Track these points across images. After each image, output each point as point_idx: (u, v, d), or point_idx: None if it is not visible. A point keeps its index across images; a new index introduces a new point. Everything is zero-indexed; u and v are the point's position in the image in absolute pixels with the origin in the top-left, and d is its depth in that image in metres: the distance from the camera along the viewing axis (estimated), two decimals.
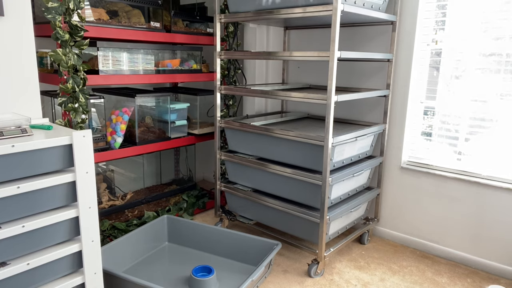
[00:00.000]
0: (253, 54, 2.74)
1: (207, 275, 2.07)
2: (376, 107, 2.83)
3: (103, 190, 3.00)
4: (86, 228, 1.58)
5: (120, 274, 1.87)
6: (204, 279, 2.05)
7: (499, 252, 2.46)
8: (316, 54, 2.17)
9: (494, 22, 2.34)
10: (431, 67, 2.65)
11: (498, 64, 2.37)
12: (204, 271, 2.11)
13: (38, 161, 1.42)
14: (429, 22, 2.59)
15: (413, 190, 2.76)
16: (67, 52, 2.10)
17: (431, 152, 2.70)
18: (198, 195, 3.41)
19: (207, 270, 2.11)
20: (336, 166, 2.38)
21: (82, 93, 2.19)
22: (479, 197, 2.49)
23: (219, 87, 2.77)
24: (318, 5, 2.10)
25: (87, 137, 1.52)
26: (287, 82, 3.32)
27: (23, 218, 1.43)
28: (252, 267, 2.36)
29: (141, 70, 2.67)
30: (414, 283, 2.38)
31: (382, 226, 2.96)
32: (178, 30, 2.90)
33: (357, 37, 2.85)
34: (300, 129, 2.55)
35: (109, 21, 2.49)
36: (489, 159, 2.47)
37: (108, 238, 2.62)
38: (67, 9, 2.06)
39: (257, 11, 2.44)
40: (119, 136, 2.62)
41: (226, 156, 2.78)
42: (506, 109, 2.38)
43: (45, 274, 1.51)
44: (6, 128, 1.45)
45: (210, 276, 2.07)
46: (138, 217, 2.89)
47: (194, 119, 3.29)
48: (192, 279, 2.06)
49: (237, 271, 2.29)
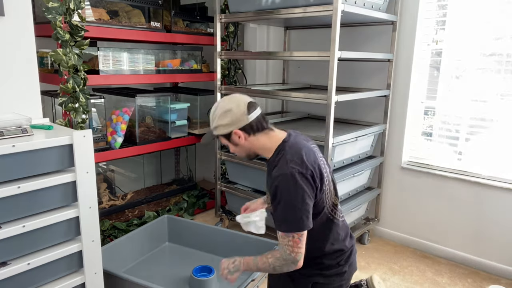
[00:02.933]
0: (253, 54, 2.74)
1: (207, 275, 2.07)
2: (377, 107, 2.83)
3: (103, 190, 3.00)
4: (86, 228, 1.58)
5: (121, 274, 1.87)
6: (205, 279, 2.05)
7: (500, 252, 2.46)
8: (317, 54, 2.17)
9: (495, 22, 2.34)
10: (431, 67, 2.64)
11: (498, 64, 2.37)
12: (205, 271, 2.11)
13: (39, 161, 1.42)
14: (429, 22, 2.59)
15: (413, 190, 2.76)
16: (67, 52, 2.10)
17: (432, 152, 2.70)
18: (199, 195, 3.41)
19: (207, 270, 2.11)
20: (336, 166, 2.38)
21: (82, 93, 2.19)
22: (479, 197, 2.48)
23: (220, 87, 2.77)
24: (318, 5, 2.10)
25: (88, 137, 1.52)
26: (287, 82, 3.32)
27: (23, 218, 1.43)
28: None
29: (141, 70, 2.67)
30: (415, 283, 2.38)
31: (383, 226, 2.96)
32: (179, 30, 2.90)
33: (357, 37, 2.85)
34: (301, 129, 2.55)
35: (109, 21, 2.49)
36: (490, 159, 2.46)
37: (109, 238, 2.62)
38: (67, 9, 2.06)
39: (258, 11, 2.43)
40: (120, 136, 2.62)
41: (226, 156, 2.78)
42: (507, 109, 2.37)
43: (46, 274, 1.51)
44: (7, 128, 1.45)
45: (211, 276, 2.06)
46: (138, 217, 2.89)
47: (194, 119, 3.29)
48: (193, 279, 2.05)
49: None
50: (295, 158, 1.31)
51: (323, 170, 1.37)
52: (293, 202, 1.28)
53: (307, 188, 1.29)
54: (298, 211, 1.28)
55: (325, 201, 1.38)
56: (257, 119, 1.38)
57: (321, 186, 1.34)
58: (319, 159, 1.38)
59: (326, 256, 1.43)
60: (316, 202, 1.34)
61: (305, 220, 1.29)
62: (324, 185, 1.36)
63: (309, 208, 1.30)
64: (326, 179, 1.38)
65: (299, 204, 1.28)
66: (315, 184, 1.31)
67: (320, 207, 1.37)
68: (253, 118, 1.37)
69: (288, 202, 1.28)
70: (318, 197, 1.34)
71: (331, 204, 1.42)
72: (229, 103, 1.38)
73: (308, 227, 1.30)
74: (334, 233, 1.43)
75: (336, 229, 1.44)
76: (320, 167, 1.35)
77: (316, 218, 1.36)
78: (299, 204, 1.28)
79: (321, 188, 1.35)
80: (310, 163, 1.32)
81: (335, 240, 1.43)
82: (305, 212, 1.28)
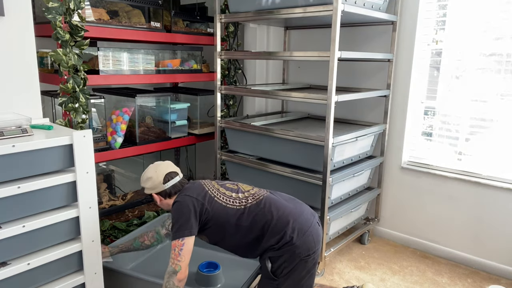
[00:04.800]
0: (253, 54, 2.73)
1: (213, 271, 2.09)
2: (377, 107, 2.83)
3: (103, 190, 2.99)
4: (86, 228, 1.58)
5: (127, 271, 1.87)
6: (212, 274, 2.07)
7: (500, 252, 2.46)
8: (317, 54, 2.17)
9: (495, 22, 2.34)
10: (431, 67, 2.64)
11: (498, 64, 2.37)
12: (211, 266, 2.13)
13: (39, 161, 1.42)
14: (429, 22, 2.59)
15: (413, 190, 2.76)
16: (67, 52, 2.10)
17: (432, 152, 2.70)
18: None
19: (213, 265, 2.13)
20: (336, 166, 2.38)
21: (82, 93, 2.19)
22: (479, 197, 2.49)
23: (220, 87, 2.77)
24: (318, 5, 2.10)
25: (88, 137, 1.52)
26: (287, 82, 3.32)
27: (23, 218, 1.44)
28: (254, 261, 2.35)
29: (141, 70, 2.67)
30: (415, 283, 2.38)
31: (383, 226, 2.96)
32: (179, 30, 2.90)
33: (357, 37, 2.85)
34: (301, 129, 2.55)
35: (109, 21, 2.49)
36: (490, 159, 2.46)
37: (108, 238, 2.62)
38: (67, 9, 2.06)
39: (258, 11, 2.43)
40: (120, 136, 2.62)
41: (227, 156, 2.78)
42: (507, 109, 2.37)
43: (46, 274, 1.51)
44: (7, 128, 1.45)
45: (217, 271, 2.09)
46: (138, 217, 2.89)
47: (194, 119, 3.29)
48: (200, 275, 2.07)
49: (241, 266, 2.28)
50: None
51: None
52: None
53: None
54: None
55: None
56: (173, 187, 1.79)
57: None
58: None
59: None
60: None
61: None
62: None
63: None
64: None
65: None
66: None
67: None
68: (169, 186, 1.79)
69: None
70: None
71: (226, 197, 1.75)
72: (151, 172, 1.80)
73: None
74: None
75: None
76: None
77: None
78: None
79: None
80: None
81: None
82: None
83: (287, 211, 1.69)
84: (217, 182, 1.85)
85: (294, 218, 1.68)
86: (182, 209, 1.65)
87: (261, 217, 1.67)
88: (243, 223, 1.68)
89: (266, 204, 1.71)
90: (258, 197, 1.74)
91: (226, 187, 1.80)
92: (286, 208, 1.71)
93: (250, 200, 1.73)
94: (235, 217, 1.68)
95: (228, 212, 1.69)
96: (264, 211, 1.68)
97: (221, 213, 1.69)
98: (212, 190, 1.76)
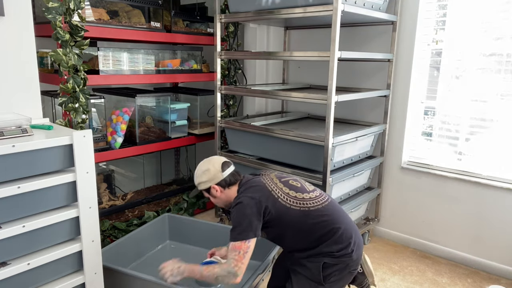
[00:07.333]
0: (253, 54, 2.74)
1: None
2: (377, 107, 2.83)
3: (103, 190, 3.00)
4: (86, 228, 1.58)
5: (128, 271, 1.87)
6: None
7: (500, 252, 2.46)
8: (317, 54, 2.17)
9: (495, 22, 2.34)
10: (431, 67, 2.64)
11: (498, 64, 2.37)
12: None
13: (39, 161, 1.42)
14: (429, 22, 2.59)
15: (413, 190, 2.76)
16: (67, 52, 2.10)
17: (432, 152, 2.70)
18: (198, 195, 3.41)
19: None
20: (336, 166, 2.38)
21: (82, 93, 2.19)
22: (479, 197, 2.49)
23: (220, 87, 2.77)
24: (318, 5, 2.10)
25: (88, 137, 1.52)
26: (287, 82, 3.32)
27: (23, 218, 1.43)
28: (255, 262, 2.35)
29: (141, 70, 2.67)
30: (415, 283, 2.38)
31: (383, 226, 2.96)
32: (179, 30, 2.90)
33: (357, 37, 2.85)
34: (301, 129, 2.55)
35: (109, 21, 2.49)
36: (490, 159, 2.46)
37: (108, 238, 2.62)
38: (67, 9, 2.06)
39: (258, 11, 2.43)
40: (120, 136, 2.62)
41: (227, 156, 2.78)
42: (507, 109, 2.37)
43: (46, 274, 1.51)
44: (7, 128, 1.45)
45: None
46: (138, 217, 2.89)
47: (194, 119, 3.29)
48: None
49: None
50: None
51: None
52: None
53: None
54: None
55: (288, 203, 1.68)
56: (231, 175, 1.77)
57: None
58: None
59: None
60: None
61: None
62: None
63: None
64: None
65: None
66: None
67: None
68: (228, 174, 1.76)
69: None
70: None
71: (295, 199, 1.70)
72: (206, 165, 1.78)
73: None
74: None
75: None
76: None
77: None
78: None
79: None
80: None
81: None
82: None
83: (351, 224, 1.72)
84: (278, 178, 1.77)
85: (355, 232, 1.71)
86: (245, 211, 1.62)
87: (326, 223, 1.65)
88: (304, 225, 1.65)
89: (332, 210, 1.69)
90: (323, 201, 1.72)
91: (289, 186, 1.74)
92: (350, 221, 1.73)
93: (314, 203, 1.69)
94: (297, 219, 1.65)
95: (290, 213, 1.66)
96: (330, 217, 1.67)
97: (283, 214, 1.66)
98: (276, 189, 1.70)
